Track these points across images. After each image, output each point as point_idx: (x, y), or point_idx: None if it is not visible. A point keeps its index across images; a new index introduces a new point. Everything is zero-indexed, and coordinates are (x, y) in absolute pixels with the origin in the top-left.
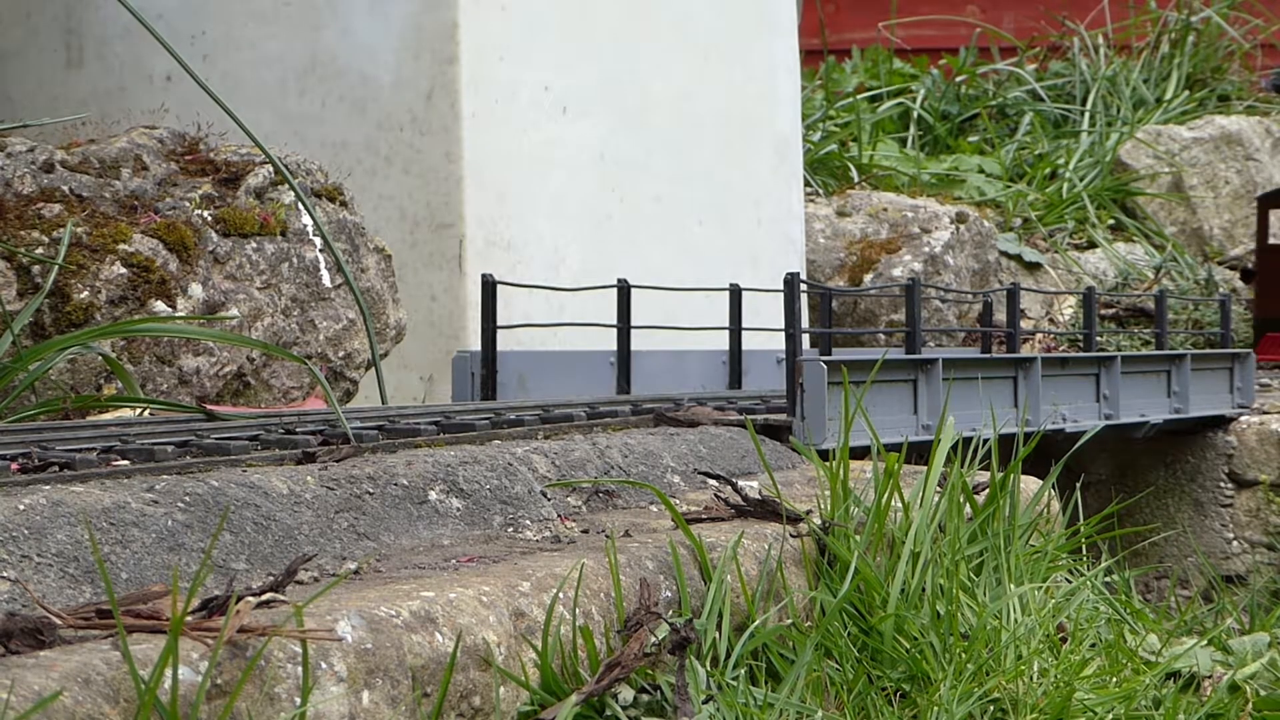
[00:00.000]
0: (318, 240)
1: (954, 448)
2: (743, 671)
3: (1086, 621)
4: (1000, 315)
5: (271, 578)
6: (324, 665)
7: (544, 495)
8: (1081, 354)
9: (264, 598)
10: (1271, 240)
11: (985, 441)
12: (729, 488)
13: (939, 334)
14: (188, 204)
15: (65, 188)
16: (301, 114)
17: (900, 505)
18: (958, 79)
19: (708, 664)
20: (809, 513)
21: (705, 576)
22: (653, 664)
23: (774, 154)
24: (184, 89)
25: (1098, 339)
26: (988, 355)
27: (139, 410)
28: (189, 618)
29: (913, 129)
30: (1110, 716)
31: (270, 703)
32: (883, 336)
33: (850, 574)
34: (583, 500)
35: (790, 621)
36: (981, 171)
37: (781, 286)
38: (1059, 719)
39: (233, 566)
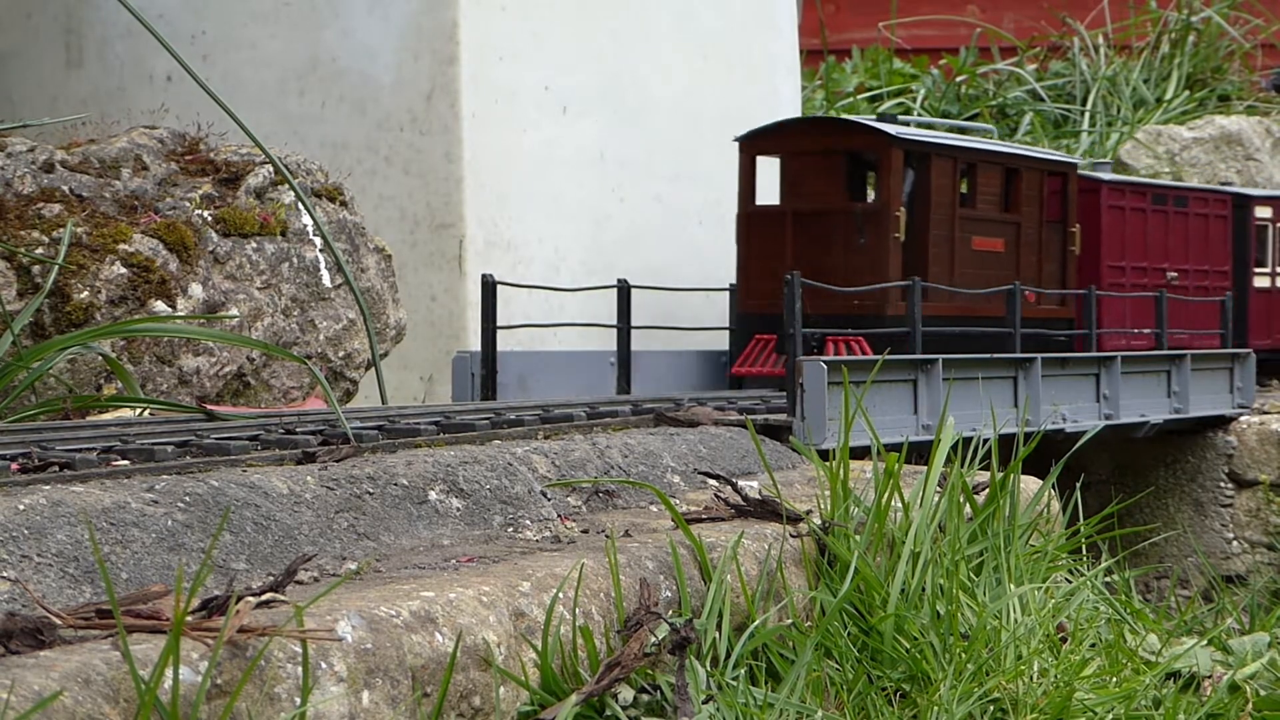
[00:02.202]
0: (318, 240)
1: (954, 448)
2: (743, 671)
3: (1086, 621)
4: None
5: (271, 578)
6: (324, 665)
7: (544, 495)
8: (1081, 353)
9: (264, 598)
10: (761, 203)
11: (985, 441)
12: (729, 488)
13: None
14: (188, 204)
15: (65, 188)
16: (301, 114)
17: (900, 505)
18: (958, 79)
19: (708, 664)
20: (809, 513)
21: (705, 576)
22: (653, 664)
23: None
24: (184, 89)
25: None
26: (987, 355)
27: (139, 410)
28: (189, 618)
29: None
30: (1110, 716)
31: (270, 703)
32: None
33: (850, 574)
34: (583, 500)
35: (790, 621)
36: None
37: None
38: (1059, 719)
39: (233, 566)
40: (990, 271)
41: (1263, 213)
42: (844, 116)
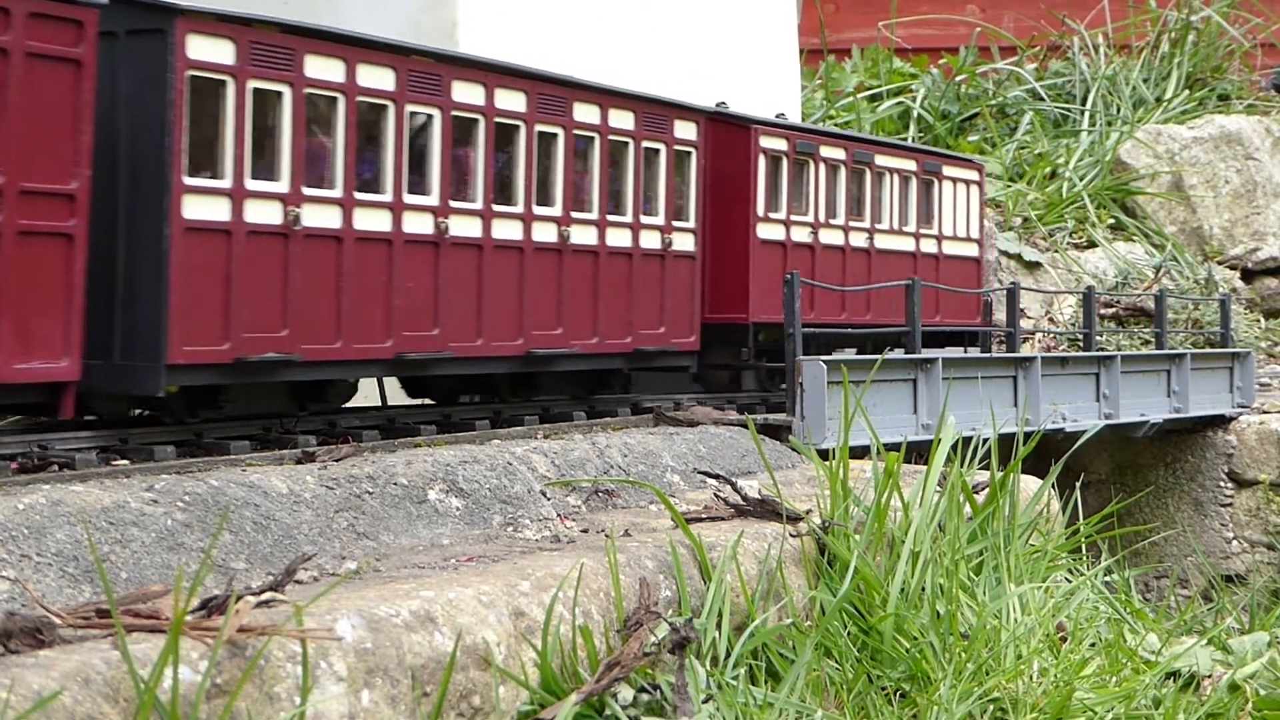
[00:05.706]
0: None
1: (954, 447)
2: (742, 671)
3: (1086, 621)
4: (1000, 314)
5: (271, 577)
6: (324, 665)
7: (543, 494)
8: (1081, 353)
9: (264, 597)
10: None
11: (985, 441)
12: (729, 487)
13: None
14: None
15: None
16: None
17: (900, 505)
18: (958, 78)
19: (707, 663)
20: (809, 512)
21: (705, 576)
22: (652, 663)
23: None
24: None
25: (1098, 338)
26: (987, 354)
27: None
28: (189, 617)
29: (913, 128)
30: (1110, 716)
31: (270, 702)
32: None
33: (850, 573)
34: (582, 499)
35: (790, 621)
36: None
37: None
38: (1059, 718)
39: (232, 566)
40: None
41: (324, 72)
42: None
